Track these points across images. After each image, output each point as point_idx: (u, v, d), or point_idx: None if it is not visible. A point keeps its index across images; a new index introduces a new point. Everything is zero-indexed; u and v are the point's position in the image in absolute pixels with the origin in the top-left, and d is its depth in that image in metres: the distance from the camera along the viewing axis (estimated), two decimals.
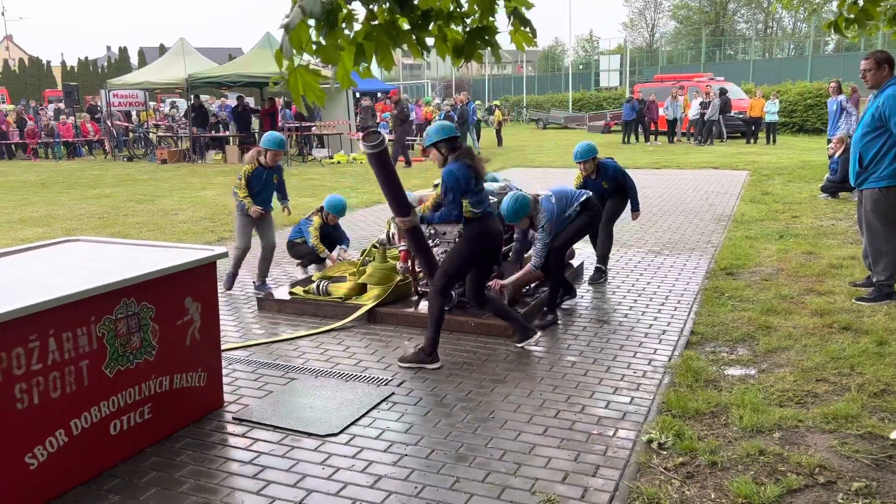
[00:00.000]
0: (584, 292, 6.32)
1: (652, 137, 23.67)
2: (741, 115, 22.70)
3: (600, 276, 6.70)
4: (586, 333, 5.23)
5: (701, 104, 22.02)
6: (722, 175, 14.43)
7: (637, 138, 23.67)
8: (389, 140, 22.13)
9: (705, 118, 21.82)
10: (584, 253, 7.35)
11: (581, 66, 50.95)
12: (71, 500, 3.13)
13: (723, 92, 22.51)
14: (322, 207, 6.75)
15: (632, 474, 3.24)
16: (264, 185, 6.31)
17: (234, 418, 3.92)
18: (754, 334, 5.03)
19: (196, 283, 3.77)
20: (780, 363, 4.52)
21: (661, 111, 23.16)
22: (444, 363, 4.64)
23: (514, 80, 47.72)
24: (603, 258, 6.78)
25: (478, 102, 26.68)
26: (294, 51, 2.54)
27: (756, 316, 5.39)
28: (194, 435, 3.72)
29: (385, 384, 4.36)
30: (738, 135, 23.27)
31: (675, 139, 23.26)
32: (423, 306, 5.58)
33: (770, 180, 13.17)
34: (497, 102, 27.71)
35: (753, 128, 22.23)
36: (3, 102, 34.31)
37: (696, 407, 3.87)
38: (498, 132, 24.79)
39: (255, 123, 21.70)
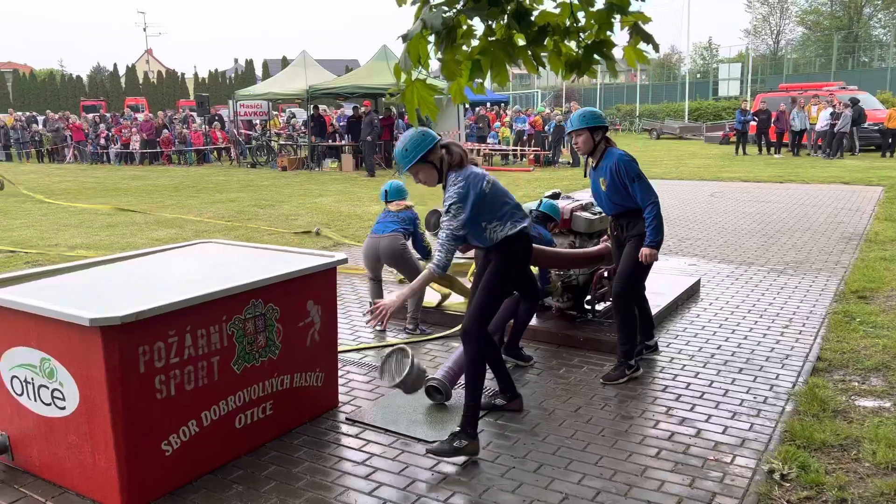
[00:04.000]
0: (699, 311, 6.08)
1: (773, 149, 22.49)
2: (877, 127, 21.16)
3: (622, 372, 4.51)
4: (703, 354, 5.04)
5: (831, 115, 20.69)
6: (853, 191, 13.50)
7: (750, 150, 22.52)
8: (490, 150, 22.27)
9: (835, 130, 20.49)
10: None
11: (698, 75, 49.22)
12: (199, 487, 3.34)
13: (855, 102, 21.06)
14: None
15: None
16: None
17: (347, 419, 4.05)
18: (890, 364, 4.68)
19: (318, 286, 3.94)
20: None
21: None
22: (551, 380, 4.61)
23: (627, 89, 46.69)
24: (627, 352, 4.52)
25: None
26: (411, 64, 2.61)
27: (892, 344, 5.01)
28: (311, 433, 3.88)
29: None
30: (873, 148, 21.70)
31: (803, 152, 21.99)
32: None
33: None
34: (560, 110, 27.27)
35: (891, 140, 20.66)
36: (144, 111, 37.07)
37: (823, 438, 3.65)
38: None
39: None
